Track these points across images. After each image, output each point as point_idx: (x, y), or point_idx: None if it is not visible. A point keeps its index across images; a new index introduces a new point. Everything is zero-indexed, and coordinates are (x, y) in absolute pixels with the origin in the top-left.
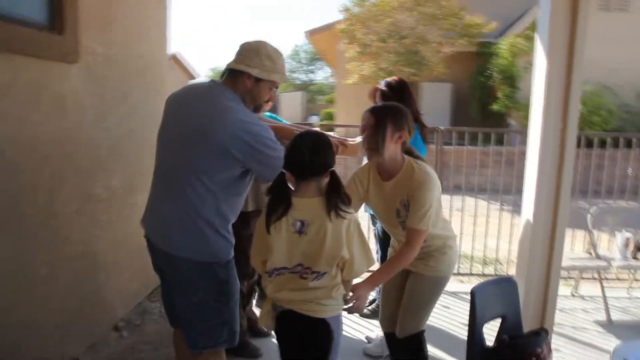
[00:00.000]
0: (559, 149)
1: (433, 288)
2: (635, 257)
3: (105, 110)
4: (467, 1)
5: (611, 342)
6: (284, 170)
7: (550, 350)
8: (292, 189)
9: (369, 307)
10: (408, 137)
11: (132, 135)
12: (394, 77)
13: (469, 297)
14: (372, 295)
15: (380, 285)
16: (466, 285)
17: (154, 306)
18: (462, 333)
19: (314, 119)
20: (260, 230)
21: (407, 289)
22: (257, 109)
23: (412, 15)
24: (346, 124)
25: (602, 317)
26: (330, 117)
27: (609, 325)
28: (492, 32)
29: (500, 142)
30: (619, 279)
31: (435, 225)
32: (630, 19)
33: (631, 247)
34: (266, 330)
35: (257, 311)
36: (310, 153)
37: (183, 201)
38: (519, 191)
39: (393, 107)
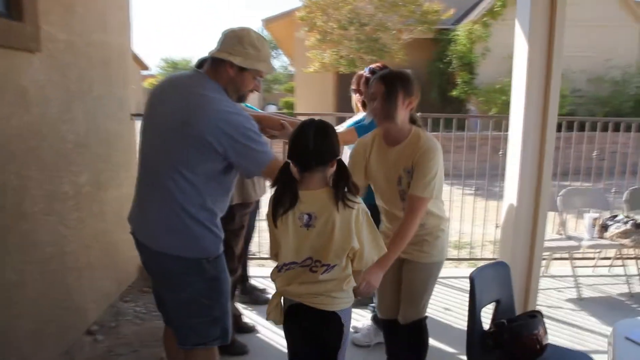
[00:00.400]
0: (540, 134)
1: (429, 274)
2: (601, 237)
3: (69, 101)
4: None
5: (584, 319)
6: (288, 161)
7: (545, 332)
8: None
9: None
10: (416, 103)
11: (99, 128)
12: (377, 64)
13: (447, 282)
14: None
15: None
16: (443, 271)
17: (127, 306)
18: (447, 318)
19: (272, 109)
20: (270, 225)
21: (404, 279)
22: (240, 99)
23: (371, 3)
24: (322, 112)
25: (573, 295)
26: (289, 106)
27: (581, 302)
28: (450, 19)
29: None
30: (585, 258)
31: (438, 196)
32: (579, 8)
33: (597, 227)
34: (252, 326)
35: (239, 307)
36: (315, 141)
37: (166, 196)
38: (492, 176)
39: (402, 74)
